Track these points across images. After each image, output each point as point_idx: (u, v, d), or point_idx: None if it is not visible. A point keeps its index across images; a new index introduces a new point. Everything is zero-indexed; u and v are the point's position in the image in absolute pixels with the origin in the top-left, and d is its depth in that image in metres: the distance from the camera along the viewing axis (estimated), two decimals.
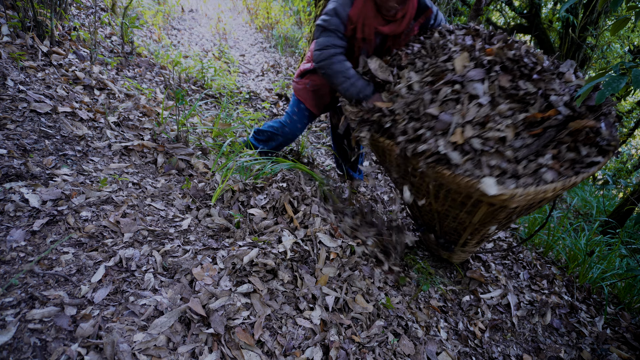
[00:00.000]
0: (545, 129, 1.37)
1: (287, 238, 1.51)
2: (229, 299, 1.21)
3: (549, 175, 1.28)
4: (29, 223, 1.26)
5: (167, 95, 2.74)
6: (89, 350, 0.95)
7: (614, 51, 5.36)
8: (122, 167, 1.74)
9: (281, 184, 1.81)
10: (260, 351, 1.12)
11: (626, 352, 1.58)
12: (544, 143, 1.36)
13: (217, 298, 1.19)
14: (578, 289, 2.00)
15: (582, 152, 1.34)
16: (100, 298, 1.10)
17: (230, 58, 4.53)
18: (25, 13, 2.30)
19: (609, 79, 1.14)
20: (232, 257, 1.37)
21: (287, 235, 1.54)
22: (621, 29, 1.38)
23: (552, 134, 1.36)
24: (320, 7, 3.08)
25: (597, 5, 4.61)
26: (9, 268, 1.10)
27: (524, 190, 1.24)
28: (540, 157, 1.33)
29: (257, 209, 1.69)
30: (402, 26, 1.75)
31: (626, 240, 2.84)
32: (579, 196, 4.07)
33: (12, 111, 1.70)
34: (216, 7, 7.09)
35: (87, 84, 2.24)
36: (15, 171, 1.41)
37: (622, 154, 6.78)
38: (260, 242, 1.48)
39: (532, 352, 1.51)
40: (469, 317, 1.58)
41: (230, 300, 1.20)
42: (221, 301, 1.18)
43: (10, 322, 0.95)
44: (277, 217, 1.66)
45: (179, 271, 1.28)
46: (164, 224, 1.50)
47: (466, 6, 4.97)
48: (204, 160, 2.05)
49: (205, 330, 1.09)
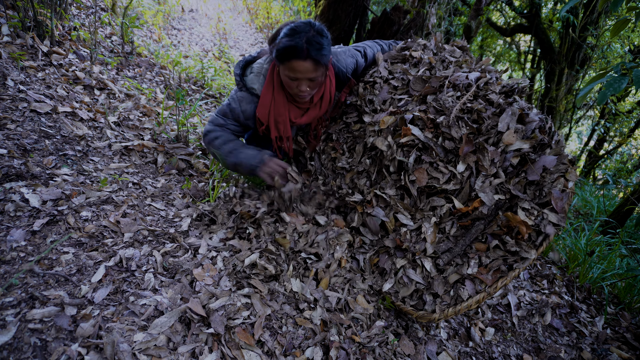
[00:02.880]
0: (473, 220, 1.30)
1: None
2: (229, 299, 1.21)
3: (466, 292, 1.25)
4: (29, 223, 1.26)
5: (167, 95, 2.74)
6: (89, 350, 0.95)
7: (614, 51, 5.36)
8: (122, 167, 1.74)
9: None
10: (260, 351, 1.12)
11: (626, 352, 1.58)
12: (469, 241, 1.29)
13: (217, 298, 1.19)
14: (578, 289, 1.99)
15: (510, 249, 1.23)
16: (101, 298, 1.10)
17: (231, 58, 4.53)
18: (26, 13, 2.30)
19: (611, 80, 1.14)
20: (233, 257, 1.37)
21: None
22: (622, 30, 1.38)
23: (481, 227, 1.29)
24: (320, 7, 3.08)
25: (597, 5, 4.61)
26: (9, 268, 1.10)
27: (442, 312, 1.26)
28: (465, 263, 1.28)
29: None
30: (322, 108, 1.60)
31: (626, 240, 2.84)
32: (579, 196, 4.07)
33: (13, 111, 1.70)
34: (216, 7, 7.09)
35: (87, 84, 2.24)
36: (16, 171, 1.41)
37: (622, 154, 6.78)
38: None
39: (532, 352, 1.51)
40: (469, 317, 1.58)
41: (230, 300, 1.20)
42: (221, 301, 1.18)
43: (10, 322, 0.95)
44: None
45: (179, 271, 1.28)
46: (164, 224, 1.50)
47: (466, 6, 4.97)
48: (204, 160, 2.05)
49: (206, 330, 1.09)
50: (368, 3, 3.16)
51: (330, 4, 2.95)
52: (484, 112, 1.34)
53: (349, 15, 2.97)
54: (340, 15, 2.96)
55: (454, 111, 1.35)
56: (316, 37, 1.34)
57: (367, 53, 1.70)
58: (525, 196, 1.24)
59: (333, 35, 3.05)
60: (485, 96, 1.41)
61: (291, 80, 1.41)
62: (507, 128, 1.29)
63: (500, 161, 1.28)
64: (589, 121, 7.78)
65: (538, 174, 1.22)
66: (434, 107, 1.42)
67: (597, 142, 7.38)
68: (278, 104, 1.52)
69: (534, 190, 1.25)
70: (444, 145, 1.36)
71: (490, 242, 1.26)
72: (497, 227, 1.25)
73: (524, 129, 1.29)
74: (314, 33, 1.34)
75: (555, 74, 5.13)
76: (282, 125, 1.56)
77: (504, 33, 5.72)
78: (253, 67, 1.55)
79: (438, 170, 1.34)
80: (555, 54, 5.12)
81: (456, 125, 1.34)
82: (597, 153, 7.11)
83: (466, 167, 1.31)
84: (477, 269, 1.26)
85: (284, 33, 1.37)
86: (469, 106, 1.37)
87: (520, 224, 1.20)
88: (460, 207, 1.31)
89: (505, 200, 1.27)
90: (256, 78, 1.52)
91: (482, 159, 1.29)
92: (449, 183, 1.33)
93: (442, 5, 4.04)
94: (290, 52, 1.33)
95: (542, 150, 1.27)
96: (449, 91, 1.45)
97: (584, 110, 7.25)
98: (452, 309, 1.25)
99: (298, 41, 1.32)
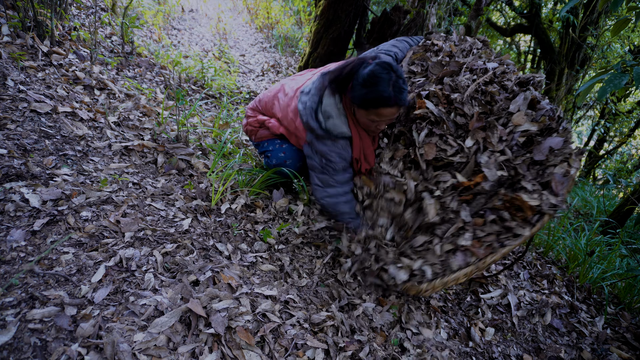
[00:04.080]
0: (475, 195, 1.31)
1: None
2: (233, 301, 1.21)
3: (456, 261, 1.25)
4: (29, 223, 1.26)
5: (167, 95, 2.74)
6: (89, 350, 0.95)
7: (614, 51, 5.36)
8: (122, 167, 1.74)
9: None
10: (260, 351, 1.11)
11: (626, 352, 1.58)
12: (470, 214, 1.29)
13: (220, 300, 1.19)
14: (578, 289, 1.99)
15: (507, 224, 1.25)
16: (101, 298, 1.10)
17: (231, 58, 4.53)
18: (26, 13, 2.30)
19: (611, 76, 1.14)
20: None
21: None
22: (622, 30, 1.37)
23: (482, 201, 1.30)
24: (320, 7, 3.08)
25: (597, 5, 4.61)
26: (9, 268, 1.10)
27: (429, 284, 1.26)
28: (460, 235, 1.28)
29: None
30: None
31: (626, 240, 2.84)
32: (579, 196, 4.07)
33: (13, 111, 1.70)
34: (216, 7, 7.09)
35: (87, 84, 2.24)
36: (16, 171, 1.41)
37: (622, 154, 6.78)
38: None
39: (532, 352, 1.51)
40: (469, 317, 1.58)
41: (233, 302, 1.20)
42: (224, 303, 1.18)
43: (10, 322, 0.95)
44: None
45: (179, 271, 1.28)
46: (164, 224, 1.50)
47: (466, 6, 4.97)
48: (204, 160, 2.05)
49: (206, 330, 1.09)
50: (368, 3, 3.16)
51: (330, 4, 2.95)
52: (498, 95, 1.39)
53: (349, 15, 2.97)
54: (340, 15, 2.96)
55: (468, 90, 1.40)
56: (399, 81, 1.33)
57: (398, 58, 1.75)
58: (529, 174, 1.26)
59: (333, 35, 3.05)
60: (500, 82, 1.45)
61: (373, 122, 1.42)
62: (517, 110, 1.35)
63: (508, 140, 1.32)
64: (589, 121, 7.78)
65: (544, 154, 1.25)
66: (449, 85, 1.47)
67: (597, 142, 7.38)
68: (364, 139, 1.53)
69: (538, 170, 1.27)
70: (456, 120, 1.39)
71: (488, 216, 1.28)
72: (499, 202, 1.27)
73: (534, 114, 1.33)
74: (396, 77, 1.33)
75: (555, 74, 5.13)
76: (370, 157, 1.57)
77: (504, 33, 5.72)
78: (325, 110, 1.47)
79: (447, 143, 1.38)
80: (555, 54, 5.12)
81: (469, 103, 1.39)
82: (597, 153, 7.11)
83: (474, 142, 1.34)
84: (471, 241, 1.27)
85: (365, 80, 1.34)
86: (484, 88, 1.41)
87: (526, 208, 1.22)
88: (463, 180, 1.32)
89: (509, 176, 1.29)
90: (339, 121, 1.46)
91: (491, 135, 1.32)
92: (456, 156, 1.36)
93: (442, 5, 4.04)
94: (379, 102, 1.33)
95: (550, 134, 1.31)
96: (466, 74, 1.49)
97: (584, 110, 7.25)
98: (439, 280, 1.25)
99: (387, 90, 1.31)
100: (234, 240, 1.56)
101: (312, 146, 1.52)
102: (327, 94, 1.47)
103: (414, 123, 1.49)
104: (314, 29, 3.16)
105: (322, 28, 3.07)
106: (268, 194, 1.92)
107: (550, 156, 1.26)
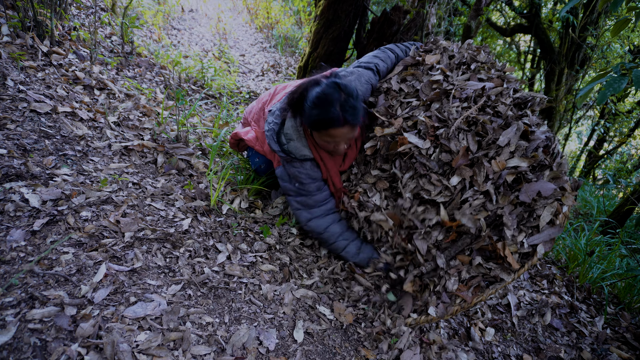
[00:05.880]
0: (460, 234, 1.28)
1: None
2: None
3: (436, 312, 1.27)
4: (29, 223, 1.26)
5: (167, 95, 2.74)
6: (89, 350, 0.95)
7: (614, 51, 5.36)
8: (122, 167, 1.73)
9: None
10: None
11: (626, 352, 1.58)
12: (454, 254, 1.27)
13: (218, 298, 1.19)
14: (578, 289, 1.99)
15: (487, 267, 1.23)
16: (101, 298, 1.10)
17: (230, 58, 4.53)
18: (25, 13, 2.30)
19: (610, 80, 1.14)
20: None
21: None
22: (622, 30, 1.35)
23: (467, 241, 1.26)
24: (320, 7, 3.08)
25: (597, 5, 4.61)
26: (9, 268, 1.10)
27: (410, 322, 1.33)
28: (447, 279, 1.27)
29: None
30: (358, 145, 1.59)
31: (626, 240, 2.84)
32: (579, 196, 4.07)
33: (12, 111, 1.70)
34: (216, 7, 7.09)
35: (87, 84, 2.24)
36: (15, 171, 1.41)
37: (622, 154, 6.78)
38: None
39: (532, 352, 1.51)
40: (469, 317, 1.58)
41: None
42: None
43: (10, 322, 0.95)
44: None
45: (179, 271, 1.28)
46: (164, 224, 1.50)
47: (466, 6, 4.97)
48: (204, 160, 2.05)
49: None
50: (368, 3, 3.16)
51: (330, 4, 2.95)
52: (489, 125, 1.29)
53: (349, 15, 2.97)
54: (340, 15, 2.96)
55: (456, 123, 1.31)
56: (349, 100, 1.29)
57: (380, 70, 1.63)
58: (513, 219, 1.19)
59: (333, 35, 3.05)
60: (494, 107, 1.35)
61: (329, 143, 1.40)
62: (507, 143, 1.25)
63: (494, 178, 1.23)
64: (589, 121, 7.77)
65: (529, 198, 1.17)
66: (436, 116, 1.38)
67: (597, 142, 7.38)
68: (326, 160, 1.50)
69: (524, 212, 1.20)
70: (441, 157, 1.32)
71: (475, 257, 1.24)
72: (485, 243, 1.22)
73: (526, 146, 1.24)
74: (345, 97, 1.29)
75: (555, 74, 5.13)
76: (336, 178, 1.55)
77: (504, 33, 5.71)
78: (287, 133, 1.45)
79: (430, 182, 1.32)
80: (555, 54, 5.12)
81: (456, 138, 1.31)
82: (597, 153, 7.11)
83: (460, 180, 1.27)
84: (457, 285, 1.25)
85: (313, 102, 1.31)
86: (474, 116, 1.32)
87: (504, 255, 1.18)
88: (446, 220, 1.27)
89: (495, 217, 1.22)
90: (300, 144, 1.45)
91: (478, 173, 1.24)
92: (439, 195, 1.30)
93: (442, 5, 4.04)
94: (328, 123, 1.30)
95: (542, 171, 1.22)
96: (455, 102, 1.39)
97: (584, 110, 7.25)
98: (423, 317, 1.31)
99: (333, 111, 1.27)
100: (233, 240, 1.56)
101: (285, 168, 1.52)
102: (289, 116, 1.45)
103: (397, 158, 1.43)
104: (313, 29, 3.16)
105: (322, 28, 3.07)
106: (268, 190, 1.92)
107: (537, 199, 1.18)
